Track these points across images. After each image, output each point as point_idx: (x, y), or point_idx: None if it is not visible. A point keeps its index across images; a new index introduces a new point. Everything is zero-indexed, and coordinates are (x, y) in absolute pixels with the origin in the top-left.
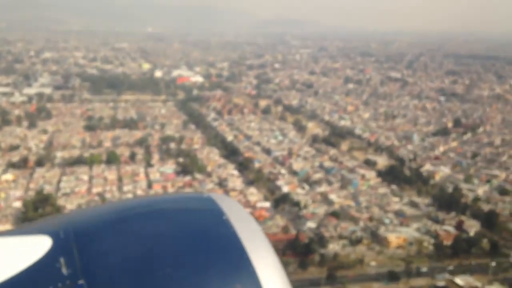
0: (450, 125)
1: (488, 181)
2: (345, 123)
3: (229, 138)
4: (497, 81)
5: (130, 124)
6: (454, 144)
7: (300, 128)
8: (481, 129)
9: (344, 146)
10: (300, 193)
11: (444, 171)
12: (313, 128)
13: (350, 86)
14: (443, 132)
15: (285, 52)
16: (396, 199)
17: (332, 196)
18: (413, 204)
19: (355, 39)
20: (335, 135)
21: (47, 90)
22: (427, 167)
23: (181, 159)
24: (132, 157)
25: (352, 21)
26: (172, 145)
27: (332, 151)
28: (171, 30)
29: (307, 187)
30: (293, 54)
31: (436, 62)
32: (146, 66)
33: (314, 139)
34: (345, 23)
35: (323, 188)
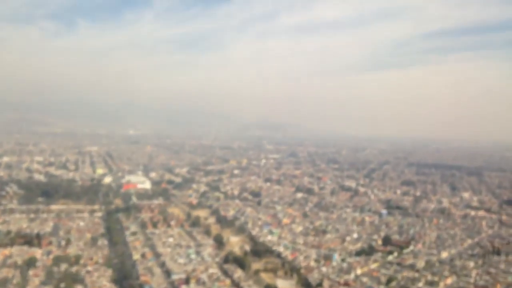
0: (379, 242)
1: None
2: (271, 238)
3: (136, 256)
4: (449, 193)
5: (32, 240)
6: (374, 265)
7: (220, 244)
8: (410, 248)
9: (257, 266)
10: None
11: None
12: (234, 244)
13: (299, 195)
14: (369, 251)
15: (254, 157)
16: None
17: None
18: None
19: (330, 144)
20: (253, 253)
21: None
22: None
23: (62, 285)
24: (5, 282)
25: (335, 126)
26: (64, 266)
27: (239, 273)
28: (154, 132)
29: None
30: (260, 159)
31: (397, 171)
32: (100, 171)
33: (227, 258)
34: (327, 127)
35: None
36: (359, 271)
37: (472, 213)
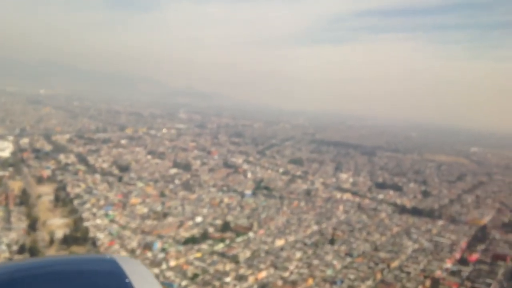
0: (219, 227)
1: None
2: (101, 222)
3: None
4: (331, 173)
5: None
6: (195, 255)
7: (32, 230)
8: (248, 235)
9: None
10: None
11: None
12: (52, 228)
13: (173, 171)
14: (200, 239)
15: (158, 126)
16: None
17: None
18: None
19: (249, 116)
20: (64, 240)
21: None
22: None
23: None
24: None
25: (264, 98)
26: None
27: None
28: (68, 93)
29: None
30: (160, 129)
31: (294, 148)
32: None
33: (22, 248)
34: (256, 99)
35: None
36: (172, 263)
37: (338, 195)
